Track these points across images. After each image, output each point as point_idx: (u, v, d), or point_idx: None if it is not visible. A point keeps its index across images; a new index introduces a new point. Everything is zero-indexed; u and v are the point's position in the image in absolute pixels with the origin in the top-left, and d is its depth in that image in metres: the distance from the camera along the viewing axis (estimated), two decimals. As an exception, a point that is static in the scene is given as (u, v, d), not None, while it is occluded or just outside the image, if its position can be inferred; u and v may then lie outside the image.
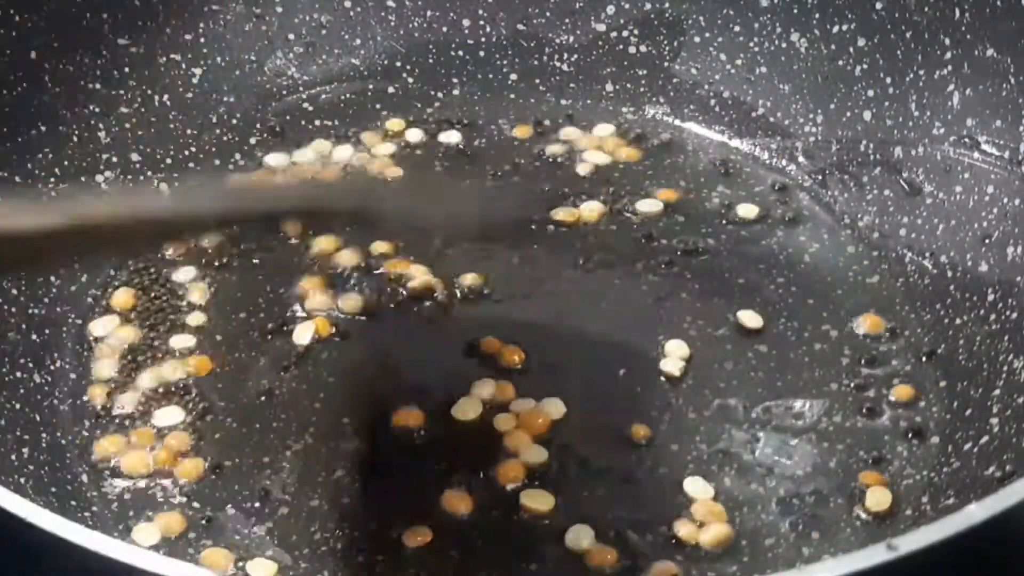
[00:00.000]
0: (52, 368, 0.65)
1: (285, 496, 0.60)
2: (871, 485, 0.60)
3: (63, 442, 0.63)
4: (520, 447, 0.62)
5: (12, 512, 0.47)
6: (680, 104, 0.80)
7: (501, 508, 0.60)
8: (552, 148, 0.79)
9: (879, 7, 0.75)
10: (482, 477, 0.61)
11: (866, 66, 0.76)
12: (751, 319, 0.68)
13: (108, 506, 0.60)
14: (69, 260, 0.56)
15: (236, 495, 0.60)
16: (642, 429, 0.62)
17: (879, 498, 0.60)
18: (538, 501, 0.59)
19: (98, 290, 0.70)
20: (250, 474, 0.61)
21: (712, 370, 0.66)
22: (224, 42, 0.80)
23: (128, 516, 0.60)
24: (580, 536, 0.58)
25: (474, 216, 0.70)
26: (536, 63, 0.82)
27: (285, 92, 0.81)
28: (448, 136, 0.79)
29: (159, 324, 0.68)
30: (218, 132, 0.78)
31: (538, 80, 0.82)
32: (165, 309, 0.69)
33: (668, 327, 0.67)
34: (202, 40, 0.79)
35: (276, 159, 0.78)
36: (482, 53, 0.83)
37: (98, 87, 0.75)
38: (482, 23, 0.83)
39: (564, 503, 0.60)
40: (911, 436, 0.63)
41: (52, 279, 0.69)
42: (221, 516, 0.60)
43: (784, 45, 0.78)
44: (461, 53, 0.83)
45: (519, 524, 0.59)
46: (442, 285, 0.69)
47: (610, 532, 0.58)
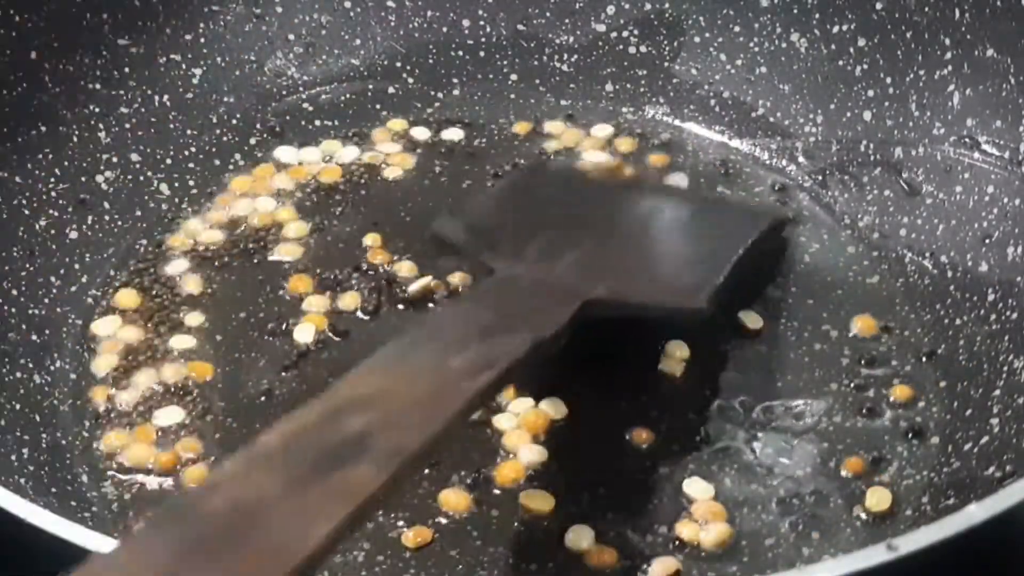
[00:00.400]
0: (52, 368, 0.65)
1: (285, 496, 0.60)
2: (855, 471, 0.61)
3: (63, 442, 0.62)
4: (519, 447, 0.62)
5: (12, 512, 0.47)
6: (680, 104, 0.80)
7: (501, 508, 0.60)
8: (552, 147, 0.78)
9: (879, 7, 0.75)
10: (481, 477, 0.61)
11: (866, 66, 0.76)
12: (751, 319, 0.68)
13: (108, 506, 0.60)
14: None
15: (236, 495, 0.60)
16: (643, 434, 0.62)
17: (879, 498, 0.60)
18: (538, 501, 0.59)
19: (98, 290, 0.70)
20: (250, 474, 0.61)
21: (712, 370, 0.66)
22: (224, 42, 0.80)
23: (128, 516, 0.60)
24: (580, 536, 0.58)
25: None
26: (536, 63, 0.82)
27: (285, 92, 0.81)
28: (451, 133, 0.79)
29: (159, 324, 0.68)
30: (218, 132, 0.78)
31: (538, 80, 0.82)
32: (166, 308, 0.69)
33: (668, 328, 0.67)
34: (202, 40, 0.79)
35: (285, 153, 0.78)
36: (482, 53, 0.83)
37: (98, 87, 0.75)
38: (482, 23, 0.83)
39: (564, 503, 0.59)
40: (911, 436, 0.63)
41: (52, 279, 0.69)
42: (221, 516, 0.59)
43: (784, 45, 0.78)
44: (461, 53, 0.83)
45: (519, 524, 0.59)
46: (442, 286, 0.69)
47: (610, 532, 0.58)
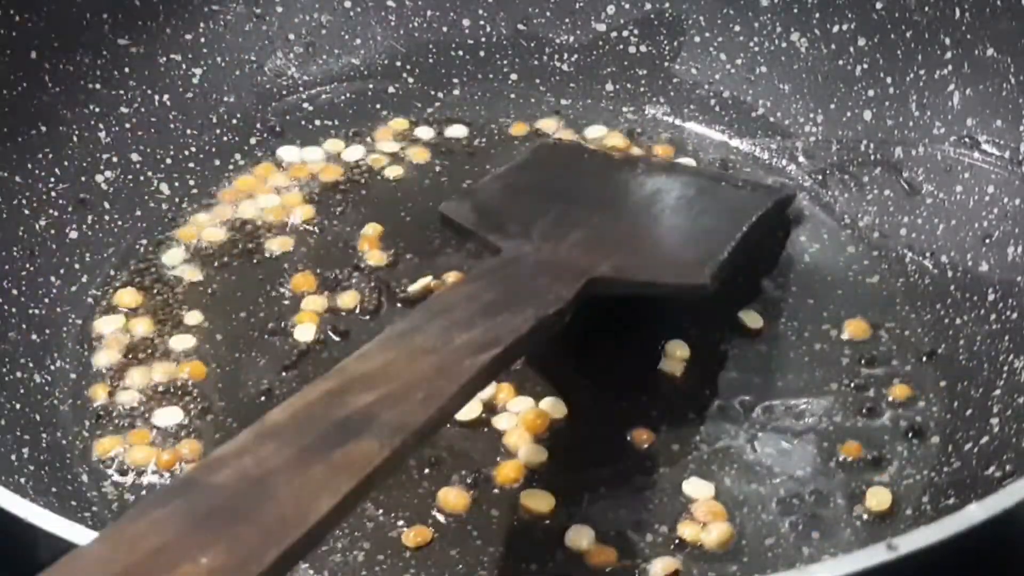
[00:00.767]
0: (52, 368, 0.65)
1: (285, 496, 0.60)
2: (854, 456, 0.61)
3: (63, 442, 0.62)
4: (520, 447, 0.62)
5: (12, 512, 0.47)
6: (680, 104, 0.80)
7: (501, 508, 0.60)
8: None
9: (879, 7, 0.75)
10: (481, 477, 0.61)
11: (866, 66, 0.76)
12: (751, 319, 0.68)
13: (108, 506, 0.60)
14: None
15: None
16: (643, 433, 0.62)
17: (879, 498, 0.60)
18: (538, 502, 0.59)
19: (98, 290, 0.70)
20: (250, 474, 0.61)
21: (712, 370, 0.66)
22: (224, 42, 0.80)
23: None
24: (580, 536, 0.58)
25: None
26: (536, 63, 0.82)
27: (285, 92, 0.81)
28: (451, 132, 0.79)
29: (160, 323, 0.68)
30: (218, 132, 0.78)
31: (538, 80, 0.82)
32: (166, 308, 0.69)
33: (668, 327, 0.67)
34: (202, 40, 0.79)
35: (286, 152, 0.78)
36: (482, 53, 0.82)
37: (98, 87, 0.75)
38: (482, 23, 0.83)
39: (564, 503, 0.59)
40: (911, 436, 0.63)
41: (52, 279, 0.69)
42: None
43: (784, 45, 0.78)
44: (461, 53, 0.83)
45: (519, 524, 0.59)
46: (442, 286, 0.69)
47: (610, 532, 0.58)
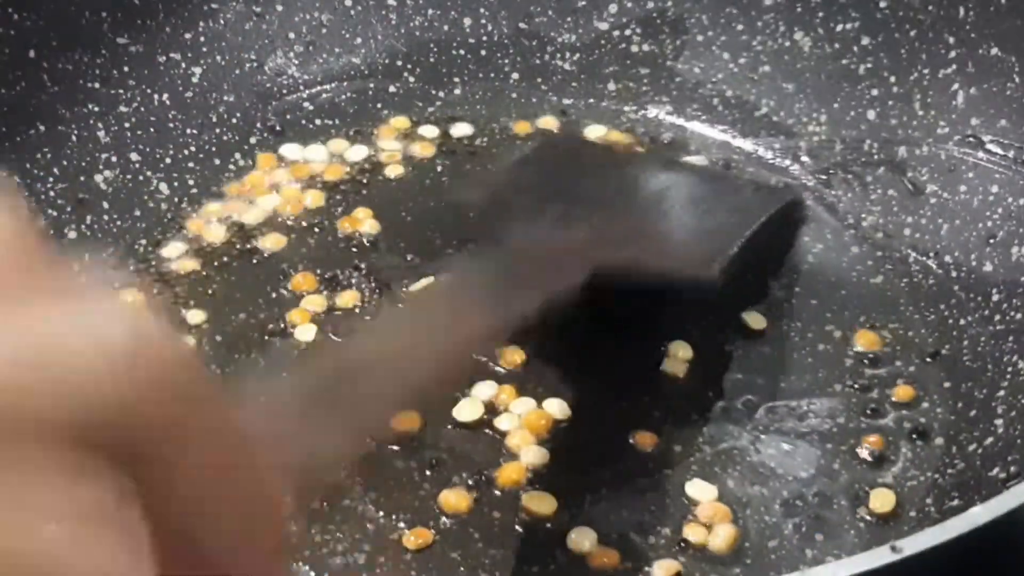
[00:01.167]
0: (51, 369, 0.65)
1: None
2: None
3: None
4: (522, 448, 0.62)
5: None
6: (683, 103, 0.80)
7: (502, 510, 0.59)
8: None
9: (883, 6, 0.74)
10: (483, 479, 0.60)
11: (870, 65, 0.75)
12: (754, 320, 0.67)
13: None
14: None
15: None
16: (646, 435, 0.62)
17: (883, 500, 0.59)
18: (540, 504, 0.59)
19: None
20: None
21: (715, 371, 0.65)
22: (224, 41, 0.79)
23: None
24: (582, 538, 0.58)
25: None
26: (538, 62, 0.82)
27: (285, 91, 0.80)
28: (453, 132, 0.79)
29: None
30: (218, 132, 0.78)
31: (540, 79, 0.82)
32: (166, 307, 0.69)
33: (670, 328, 0.67)
34: (202, 39, 0.79)
35: (289, 151, 0.78)
36: (484, 52, 0.82)
37: (97, 86, 0.74)
38: (484, 22, 0.82)
39: (566, 505, 0.59)
40: (915, 437, 0.62)
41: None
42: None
43: (787, 44, 0.78)
44: (463, 52, 0.82)
45: (520, 526, 0.59)
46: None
47: (612, 534, 0.58)
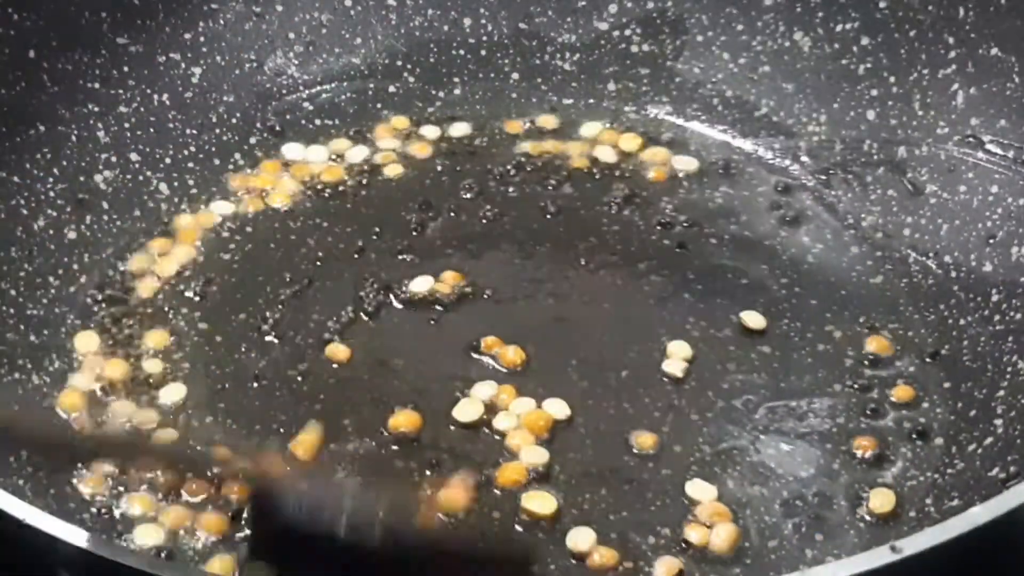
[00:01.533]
0: (51, 369, 0.65)
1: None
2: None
3: (62, 443, 0.62)
4: (522, 448, 0.62)
5: (11, 514, 0.47)
6: (683, 103, 0.80)
7: (502, 510, 0.59)
8: (553, 147, 0.78)
9: (883, 6, 0.74)
10: (483, 478, 0.60)
11: (870, 65, 0.75)
12: (754, 320, 0.67)
13: (108, 508, 0.60)
14: None
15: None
16: (645, 435, 0.62)
17: (883, 500, 0.59)
18: (539, 504, 0.59)
19: (97, 291, 0.69)
20: (250, 475, 0.61)
21: (715, 371, 0.65)
22: (224, 41, 0.79)
23: (129, 517, 0.59)
24: (582, 538, 0.58)
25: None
26: (538, 62, 0.82)
27: (285, 91, 0.80)
28: (452, 131, 0.79)
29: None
30: (218, 132, 0.78)
31: (540, 79, 0.82)
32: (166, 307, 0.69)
33: (670, 328, 0.67)
34: (202, 39, 0.79)
35: (290, 151, 0.77)
36: (484, 52, 0.82)
37: (97, 86, 0.74)
38: (483, 22, 0.82)
39: (565, 505, 0.59)
40: (915, 437, 0.62)
41: (51, 279, 0.68)
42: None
43: (787, 44, 0.78)
44: (463, 52, 0.82)
45: (520, 526, 0.59)
46: (443, 286, 0.69)
47: (612, 534, 0.58)
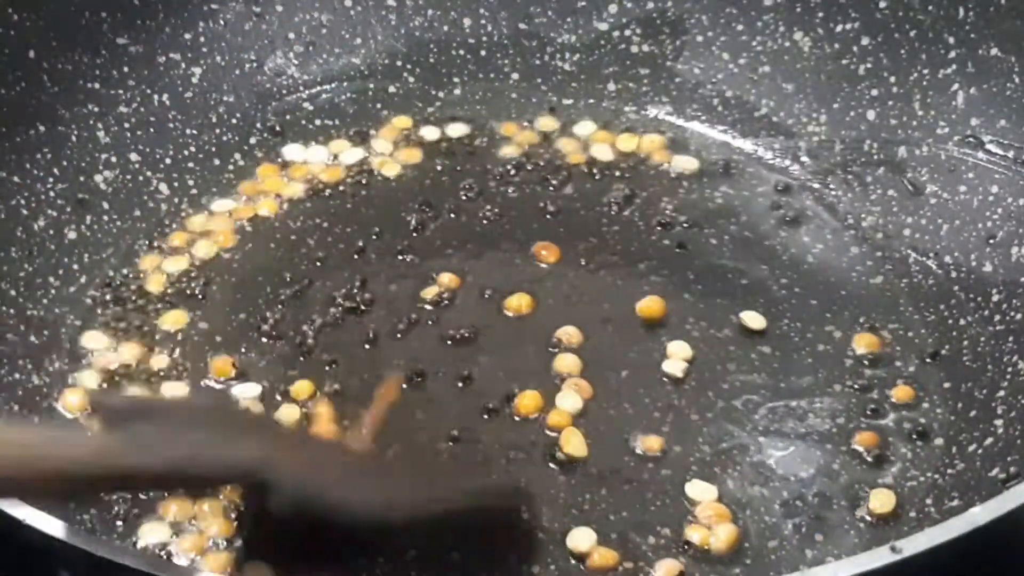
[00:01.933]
0: (51, 369, 0.65)
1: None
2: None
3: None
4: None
5: (11, 514, 0.47)
6: (683, 104, 0.80)
7: (503, 510, 0.59)
8: (553, 147, 0.78)
9: (883, 6, 0.74)
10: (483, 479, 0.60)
11: (870, 65, 0.75)
12: (754, 320, 0.67)
13: (107, 508, 0.60)
14: None
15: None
16: (645, 435, 0.62)
17: (883, 500, 0.59)
18: (574, 446, 0.61)
19: (98, 291, 0.69)
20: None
21: (715, 371, 0.65)
22: (224, 41, 0.79)
23: (129, 517, 0.59)
24: (582, 538, 0.58)
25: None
26: (538, 62, 0.82)
27: (285, 92, 0.80)
28: (452, 132, 0.79)
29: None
30: (218, 132, 0.78)
31: (540, 79, 0.82)
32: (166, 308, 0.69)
33: (670, 328, 0.67)
34: (202, 39, 0.79)
35: (290, 152, 0.78)
36: (483, 52, 0.82)
37: (97, 86, 0.74)
38: (483, 22, 0.82)
39: (566, 505, 0.59)
40: (915, 437, 0.62)
41: (51, 279, 0.68)
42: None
43: (787, 44, 0.78)
44: (462, 52, 0.82)
45: (520, 526, 0.59)
46: (442, 285, 0.69)
47: (612, 534, 0.58)
